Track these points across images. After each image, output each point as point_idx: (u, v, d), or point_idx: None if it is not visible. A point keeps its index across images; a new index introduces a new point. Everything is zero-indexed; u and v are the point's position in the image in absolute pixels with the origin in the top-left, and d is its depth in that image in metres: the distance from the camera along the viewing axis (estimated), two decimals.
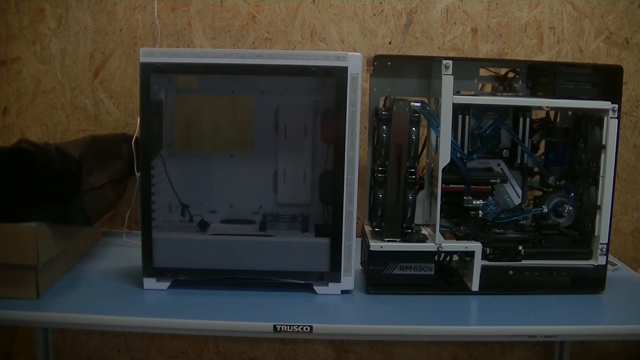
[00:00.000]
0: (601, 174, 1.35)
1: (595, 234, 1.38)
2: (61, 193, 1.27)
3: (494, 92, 1.46)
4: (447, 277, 1.42)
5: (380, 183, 1.34)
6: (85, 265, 1.51)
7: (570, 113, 1.45)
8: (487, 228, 1.41)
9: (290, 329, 1.19)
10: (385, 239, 1.35)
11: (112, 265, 1.50)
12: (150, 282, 1.34)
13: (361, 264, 1.47)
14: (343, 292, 1.35)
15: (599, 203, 1.37)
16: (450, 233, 1.42)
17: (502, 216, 1.41)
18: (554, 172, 1.43)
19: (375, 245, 1.34)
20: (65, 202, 1.28)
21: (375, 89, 1.46)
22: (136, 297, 1.32)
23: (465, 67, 1.44)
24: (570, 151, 1.43)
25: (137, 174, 1.49)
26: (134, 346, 1.92)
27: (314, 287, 1.35)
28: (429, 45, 1.77)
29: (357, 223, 1.34)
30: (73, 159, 1.29)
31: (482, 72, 1.46)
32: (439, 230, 1.35)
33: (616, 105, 1.33)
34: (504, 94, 1.44)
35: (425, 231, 1.41)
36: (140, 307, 1.28)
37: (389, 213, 1.34)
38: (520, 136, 1.41)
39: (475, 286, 1.36)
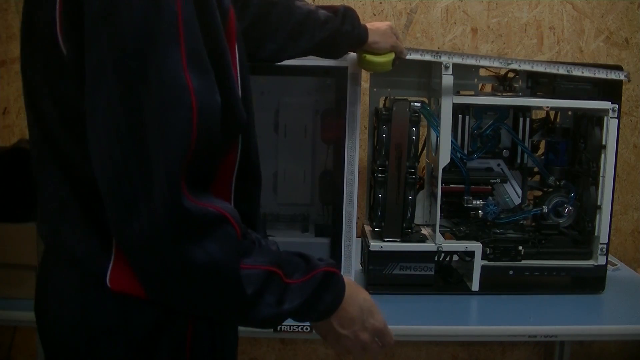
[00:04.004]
0: (601, 174, 1.36)
1: (595, 234, 1.38)
2: None
3: (494, 92, 1.46)
4: (447, 277, 1.42)
5: (380, 183, 1.34)
6: None
7: (570, 113, 1.45)
8: (487, 228, 1.41)
9: (290, 329, 1.19)
10: (385, 239, 1.35)
11: None
12: None
13: (361, 264, 1.47)
14: None
15: (599, 203, 1.37)
16: (450, 233, 1.42)
17: (502, 216, 1.41)
18: (554, 172, 1.43)
19: (375, 245, 1.34)
20: None
21: (375, 89, 1.46)
22: None
23: (465, 67, 1.44)
24: (570, 151, 1.43)
25: None
26: None
27: None
28: (429, 45, 1.77)
29: (357, 223, 1.34)
30: None
31: (482, 72, 1.46)
32: (439, 230, 1.35)
33: (616, 105, 1.33)
34: (504, 94, 1.44)
35: (425, 231, 1.42)
36: None
37: (389, 213, 1.34)
38: (520, 136, 1.41)
39: (475, 286, 1.36)
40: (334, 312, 0.78)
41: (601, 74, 1.33)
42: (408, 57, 1.30)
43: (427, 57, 1.32)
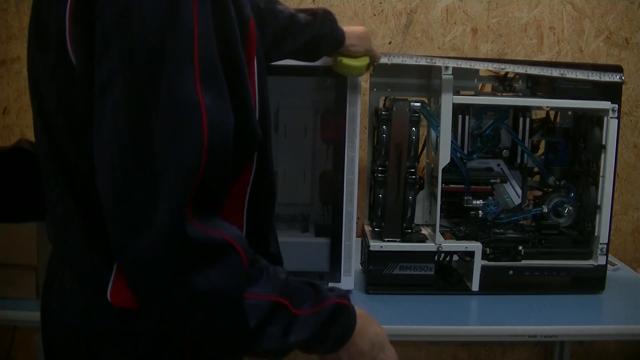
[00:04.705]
0: (601, 174, 1.36)
1: (595, 234, 1.38)
2: None
3: (494, 92, 1.46)
4: (447, 277, 1.42)
5: (380, 183, 1.34)
6: None
7: (570, 113, 1.45)
8: (487, 228, 1.41)
9: None
10: (385, 239, 1.35)
11: None
12: None
13: (361, 264, 1.47)
14: None
15: (599, 203, 1.37)
16: (450, 233, 1.42)
17: (502, 216, 1.41)
18: (554, 172, 1.43)
19: (375, 245, 1.34)
20: None
21: (375, 89, 1.46)
22: None
23: (465, 68, 1.44)
24: (570, 151, 1.43)
25: None
26: None
27: None
28: (429, 45, 1.77)
29: (357, 223, 1.34)
30: None
31: (482, 72, 1.46)
32: (439, 230, 1.35)
33: (616, 105, 1.33)
34: (504, 94, 1.44)
35: (425, 231, 1.41)
36: None
37: (389, 213, 1.34)
38: (520, 136, 1.41)
39: (475, 286, 1.36)
40: (342, 346, 0.75)
41: (595, 77, 1.33)
42: (403, 63, 1.30)
43: (422, 62, 1.32)
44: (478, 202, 1.39)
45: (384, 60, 1.32)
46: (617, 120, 1.34)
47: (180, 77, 0.60)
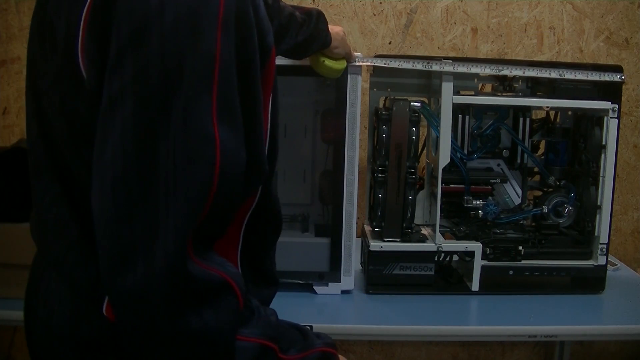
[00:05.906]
0: (601, 174, 1.36)
1: (595, 234, 1.38)
2: None
3: (494, 92, 1.46)
4: (447, 277, 1.42)
5: (380, 183, 1.34)
6: None
7: (570, 113, 1.45)
8: (487, 228, 1.41)
9: None
10: (385, 239, 1.35)
11: None
12: None
13: (361, 264, 1.47)
14: (343, 292, 1.35)
15: (599, 203, 1.37)
16: (450, 233, 1.42)
17: (502, 216, 1.41)
18: (554, 172, 1.43)
19: (375, 245, 1.34)
20: None
21: (375, 89, 1.46)
22: None
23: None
24: (570, 151, 1.43)
25: None
26: None
27: (314, 287, 1.35)
28: (429, 45, 1.77)
29: (357, 223, 1.34)
30: None
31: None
32: (439, 230, 1.35)
33: (616, 105, 1.33)
34: (504, 94, 1.44)
35: (425, 231, 1.41)
36: None
37: (389, 213, 1.34)
38: (520, 136, 1.41)
39: (475, 286, 1.36)
40: None
41: (594, 77, 1.33)
42: (401, 66, 1.30)
43: (419, 67, 1.32)
44: (478, 202, 1.39)
45: (381, 63, 1.32)
46: (617, 120, 1.34)
47: (197, 105, 0.57)
